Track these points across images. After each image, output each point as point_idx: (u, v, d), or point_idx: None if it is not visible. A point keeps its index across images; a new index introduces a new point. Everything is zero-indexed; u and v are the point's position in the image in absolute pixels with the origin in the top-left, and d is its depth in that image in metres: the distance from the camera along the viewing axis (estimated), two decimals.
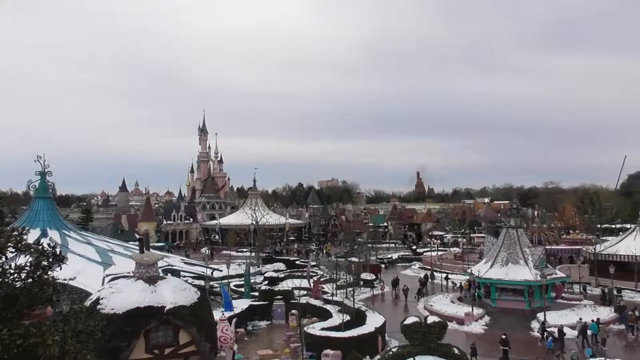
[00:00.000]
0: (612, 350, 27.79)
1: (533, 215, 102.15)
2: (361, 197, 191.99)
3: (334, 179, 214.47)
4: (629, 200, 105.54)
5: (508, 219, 44.45)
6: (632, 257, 45.16)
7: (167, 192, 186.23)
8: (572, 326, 30.39)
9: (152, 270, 18.07)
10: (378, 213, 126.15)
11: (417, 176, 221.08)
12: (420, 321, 20.37)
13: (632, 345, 30.02)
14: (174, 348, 16.70)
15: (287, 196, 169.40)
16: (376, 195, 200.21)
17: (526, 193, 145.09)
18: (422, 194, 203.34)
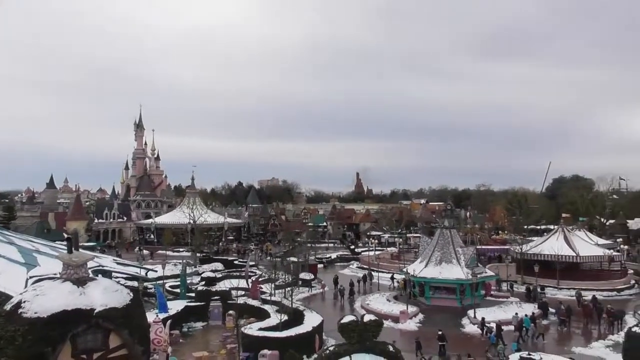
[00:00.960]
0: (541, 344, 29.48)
1: (466, 216, 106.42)
2: (301, 197, 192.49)
3: (275, 178, 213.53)
4: (553, 203, 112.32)
5: (442, 219, 45.94)
6: (555, 256, 48.02)
7: (100, 189, 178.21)
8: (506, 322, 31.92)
9: (81, 271, 17.16)
10: (318, 213, 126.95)
11: (356, 177, 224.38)
12: (357, 320, 20.64)
13: (563, 338, 31.90)
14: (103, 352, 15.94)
15: (226, 195, 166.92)
16: (316, 195, 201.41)
17: (460, 195, 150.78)
18: (361, 195, 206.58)
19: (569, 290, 44.75)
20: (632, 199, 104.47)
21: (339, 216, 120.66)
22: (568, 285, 45.90)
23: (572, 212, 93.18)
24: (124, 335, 15.92)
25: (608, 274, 50.95)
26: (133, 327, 16.34)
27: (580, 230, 62.55)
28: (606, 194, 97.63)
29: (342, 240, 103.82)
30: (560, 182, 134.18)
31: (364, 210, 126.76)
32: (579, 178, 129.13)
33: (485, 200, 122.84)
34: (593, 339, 31.04)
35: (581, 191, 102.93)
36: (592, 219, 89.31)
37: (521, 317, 31.78)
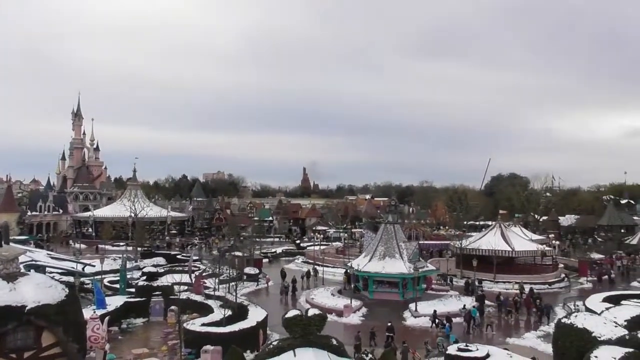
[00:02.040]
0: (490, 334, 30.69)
1: (409, 212, 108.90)
2: (247, 191, 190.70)
3: (220, 171, 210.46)
4: (491, 200, 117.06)
5: (387, 215, 46.72)
6: (492, 251, 50.08)
7: (34, 180, 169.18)
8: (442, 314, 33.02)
9: (11, 266, 16.29)
10: (264, 207, 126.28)
11: (303, 172, 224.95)
12: (302, 314, 20.69)
13: (509, 328, 33.35)
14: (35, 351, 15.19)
15: (170, 188, 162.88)
16: (262, 190, 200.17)
17: (404, 191, 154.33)
18: (308, 190, 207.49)
19: (504, 283, 46.77)
20: (564, 196, 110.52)
21: (285, 211, 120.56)
22: (504, 279, 47.92)
23: (509, 209, 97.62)
24: (58, 333, 15.24)
25: (541, 268, 53.69)
26: (68, 324, 15.67)
27: (515, 226, 65.55)
28: (540, 192, 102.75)
29: (287, 234, 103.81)
30: (498, 180, 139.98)
31: (310, 205, 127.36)
32: (516, 176, 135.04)
33: (427, 197, 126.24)
34: (526, 329, 32.59)
35: (517, 189, 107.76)
36: (527, 216, 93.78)
37: (469, 308, 33.33)
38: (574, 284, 49.98)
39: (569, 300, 39.74)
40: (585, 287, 48.60)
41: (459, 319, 32.75)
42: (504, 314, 35.73)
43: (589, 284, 50.40)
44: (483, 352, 19.38)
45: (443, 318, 31.50)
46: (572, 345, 18.52)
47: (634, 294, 37.86)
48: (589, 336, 18.24)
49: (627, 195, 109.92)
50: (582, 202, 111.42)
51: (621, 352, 15.52)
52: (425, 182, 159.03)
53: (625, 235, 78.18)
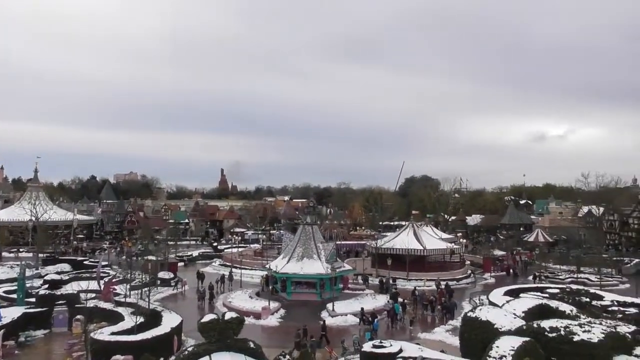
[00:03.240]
0: (390, 330, 31.69)
1: (327, 213, 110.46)
2: (162, 192, 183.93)
3: (133, 172, 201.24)
4: (405, 201, 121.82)
5: (305, 216, 47.05)
6: (406, 250, 52.08)
7: None
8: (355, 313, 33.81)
9: None
10: (179, 209, 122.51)
11: (221, 173, 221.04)
12: (218, 318, 20.29)
13: (420, 323, 34.54)
14: None
15: (77, 190, 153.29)
16: (178, 191, 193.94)
17: (322, 192, 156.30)
18: (226, 191, 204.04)
19: (417, 281, 48.75)
20: (470, 197, 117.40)
21: (202, 213, 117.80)
22: (416, 276, 49.97)
23: (421, 209, 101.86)
24: None
25: (449, 265, 56.66)
26: None
27: (427, 225, 68.71)
28: (449, 193, 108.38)
29: (204, 237, 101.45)
30: (411, 182, 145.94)
31: (228, 207, 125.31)
32: (428, 178, 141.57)
33: (345, 198, 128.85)
34: (435, 324, 34.13)
35: (429, 190, 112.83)
36: (437, 216, 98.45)
37: (392, 304, 34.79)
38: (479, 280, 53.23)
39: (474, 295, 42.21)
40: (489, 282, 51.84)
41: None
42: (420, 309, 37.29)
43: (492, 279, 53.90)
44: (396, 348, 20.03)
45: (369, 315, 32.49)
46: (477, 336, 19.68)
47: (531, 287, 41.00)
48: (492, 328, 19.48)
49: (526, 196, 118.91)
50: (486, 203, 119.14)
51: (519, 341, 16.69)
52: (343, 184, 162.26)
53: (524, 233, 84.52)
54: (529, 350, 16.35)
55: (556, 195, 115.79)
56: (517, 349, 16.03)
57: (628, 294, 40.58)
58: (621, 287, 48.55)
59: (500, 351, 16.13)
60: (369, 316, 32.28)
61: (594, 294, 35.60)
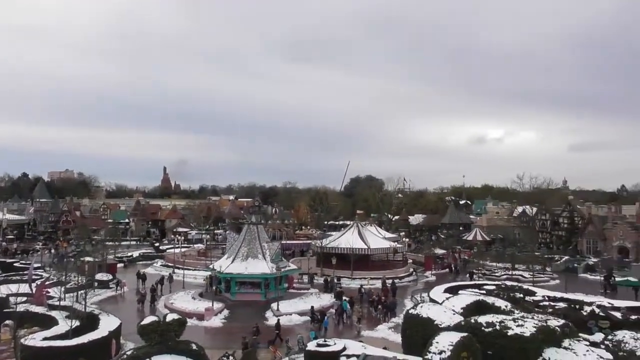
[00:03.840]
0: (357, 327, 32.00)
1: (273, 213, 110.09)
2: (100, 191, 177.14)
3: (69, 170, 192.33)
4: (350, 200, 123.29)
5: (250, 215, 46.69)
6: (350, 249, 52.71)
7: None
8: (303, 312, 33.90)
9: None
10: (119, 208, 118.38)
11: (163, 171, 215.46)
12: (159, 320, 19.79)
13: (371, 321, 34.89)
14: None
15: (6, 188, 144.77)
16: (118, 190, 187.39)
17: (268, 192, 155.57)
18: (168, 190, 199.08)
19: (361, 280, 49.45)
20: (413, 197, 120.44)
21: (143, 212, 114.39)
22: (360, 275, 50.69)
23: (366, 209, 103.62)
24: None
25: (393, 263, 57.84)
26: None
27: (371, 225, 69.86)
28: (393, 193, 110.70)
29: (145, 237, 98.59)
30: (356, 182, 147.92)
31: (171, 206, 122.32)
32: (372, 178, 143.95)
33: (291, 197, 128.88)
34: (378, 322, 34.71)
35: (373, 190, 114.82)
36: (381, 215, 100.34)
37: (340, 302, 35.51)
38: (420, 278, 54.64)
39: (416, 293, 43.32)
40: (430, 280, 53.37)
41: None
42: (366, 307, 37.92)
43: (433, 277, 55.53)
44: (340, 346, 20.24)
45: (318, 314, 32.93)
46: (418, 333, 20.21)
47: (469, 284, 42.60)
48: (432, 324, 20.06)
49: (465, 197, 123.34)
50: (428, 203, 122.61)
51: (458, 337, 17.27)
52: (289, 183, 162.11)
53: (463, 232, 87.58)
54: (466, 345, 16.96)
55: (493, 195, 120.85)
56: (456, 344, 16.58)
57: (558, 289, 42.95)
58: (552, 283, 51.24)
59: (440, 346, 16.62)
60: (319, 314, 32.64)
61: (527, 290, 37.47)
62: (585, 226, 75.39)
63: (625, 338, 18.63)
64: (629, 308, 32.15)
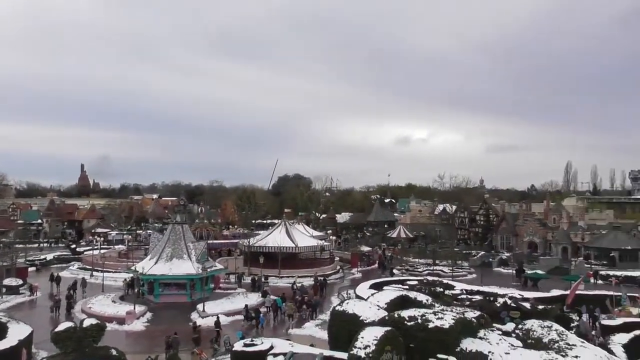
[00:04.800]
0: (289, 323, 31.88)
1: (199, 212, 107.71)
2: (9, 190, 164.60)
3: None
4: (278, 199, 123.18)
5: (175, 215, 45.52)
6: (278, 248, 52.68)
7: None
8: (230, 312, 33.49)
9: None
10: (31, 209, 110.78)
11: (81, 169, 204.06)
12: (75, 326, 18.80)
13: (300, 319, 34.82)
14: None
15: None
16: (30, 189, 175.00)
17: (193, 190, 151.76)
18: (87, 189, 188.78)
19: (288, 278, 49.59)
20: (340, 196, 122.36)
21: (58, 212, 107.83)
22: (288, 273, 50.82)
23: (293, 207, 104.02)
24: None
25: (320, 261, 58.46)
26: None
27: (299, 223, 70.18)
28: (321, 192, 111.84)
29: (60, 239, 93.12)
30: (284, 180, 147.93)
31: (89, 206, 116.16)
32: (300, 177, 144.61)
33: (217, 196, 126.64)
34: (305, 320, 34.97)
35: (301, 189, 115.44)
36: (309, 214, 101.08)
37: (274, 299, 36.01)
38: (347, 275, 55.69)
39: (342, 290, 44.12)
40: (356, 277, 54.50)
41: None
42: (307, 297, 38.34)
43: (359, 273, 56.78)
44: (267, 345, 20.22)
45: (252, 311, 33.34)
46: (344, 329, 20.59)
47: (393, 280, 44.02)
48: (357, 320, 20.52)
49: (390, 195, 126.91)
50: (355, 201, 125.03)
51: (382, 331, 17.80)
52: (215, 182, 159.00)
53: (388, 230, 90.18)
54: (390, 338, 17.52)
55: (416, 194, 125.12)
56: (380, 338, 17.08)
57: (474, 283, 45.45)
58: (469, 277, 54.09)
59: (365, 341, 17.05)
60: (253, 312, 32.92)
61: (447, 284, 39.27)
62: (499, 223, 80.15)
63: (533, 327, 20.01)
64: (537, 299, 34.64)
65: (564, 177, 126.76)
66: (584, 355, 16.64)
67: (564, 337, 18.39)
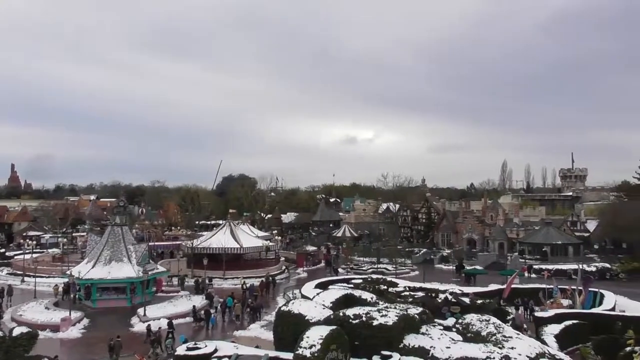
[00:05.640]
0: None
1: (139, 213, 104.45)
2: None
3: None
4: (223, 199, 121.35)
5: (114, 216, 43.92)
6: (222, 249, 51.91)
7: None
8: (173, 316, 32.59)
9: None
10: None
11: (11, 169, 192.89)
12: (4, 335, 17.71)
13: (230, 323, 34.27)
14: None
15: None
16: None
17: (134, 191, 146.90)
18: (17, 190, 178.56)
19: (233, 279, 48.97)
20: (286, 196, 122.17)
21: None
22: (233, 275, 50.18)
23: (238, 208, 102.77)
24: None
25: (265, 262, 58.05)
26: None
27: (244, 224, 69.44)
28: (266, 192, 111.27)
29: None
30: (229, 180, 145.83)
31: (20, 208, 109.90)
32: (245, 177, 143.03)
33: (159, 197, 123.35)
34: (251, 321, 34.58)
35: (246, 189, 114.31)
36: (254, 214, 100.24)
37: (224, 299, 35.64)
38: (293, 275, 55.64)
39: (288, 290, 44.02)
40: (302, 277, 54.55)
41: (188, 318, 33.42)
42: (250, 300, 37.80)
43: (305, 273, 56.87)
44: (211, 348, 19.86)
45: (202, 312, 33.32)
46: (290, 329, 20.54)
47: (339, 279, 44.40)
48: (303, 319, 20.53)
49: (335, 195, 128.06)
50: (300, 201, 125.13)
51: (327, 330, 17.91)
52: (157, 182, 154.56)
53: (334, 229, 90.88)
54: (335, 337, 17.65)
55: (361, 193, 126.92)
56: (325, 337, 17.17)
57: (417, 279, 46.62)
58: (412, 274, 55.38)
59: (310, 341, 17.09)
60: (203, 313, 32.75)
61: (390, 282, 40.07)
62: (440, 221, 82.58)
63: (472, 321, 20.74)
64: (475, 293, 35.98)
65: (500, 176, 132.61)
66: (519, 346, 17.40)
67: (500, 330, 19.18)
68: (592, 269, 52.25)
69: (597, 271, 52.18)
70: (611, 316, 28.91)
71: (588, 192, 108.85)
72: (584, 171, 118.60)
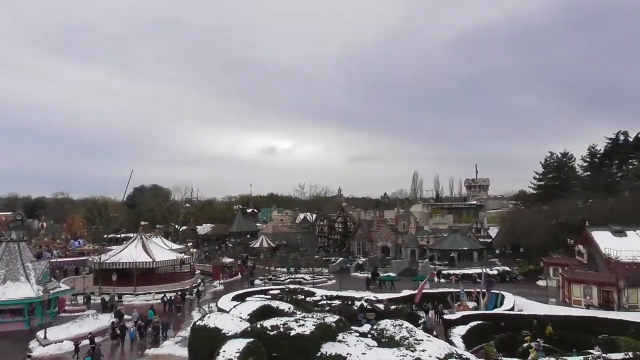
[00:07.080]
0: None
1: (39, 227, 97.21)
2: None
3: None
4: (134, 211, 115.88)
5: (10, 232, 40.58)
6: (133, 263, 49.52)
7: None
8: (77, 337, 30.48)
9: None
10: None
11: None
12: None
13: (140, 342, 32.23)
14: None
15: None
16: None
17: (34, 203, 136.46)
18: None
19: (145, 295, 46.84)
20: (201, 207, 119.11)
21: None
22: (144, 290, 47.99)
23: (151, 220, 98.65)
24: None
25: (180, 275, 56.15)
26: None
27: (157, 237, 66.88)
28: (180, 203, 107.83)
29: None
30: (140, 191, 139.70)
31: None
32: (158, 187, 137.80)
33: (63, 210, 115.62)
34: (163, 338, 33.14)
35: (159, 200, 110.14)
36: (168, 226, 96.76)
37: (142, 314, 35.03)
38: (209, 288, 54.27)
39: (204, 303, 42.87)
40: (218, 289, 53.39)
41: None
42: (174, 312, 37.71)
43: (222, 286, 55.72)
44: None
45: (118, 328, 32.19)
46: (206, 344, 19.97)
47: (256, 290, 43.97)
48: (219, 334, 20.05)
49: (252, 205, 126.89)
50: (216, 212, 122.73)
51: (244, 343, 17.64)
52: (60, 194, 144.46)
53: (251, 240, 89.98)
54: (252, 349, 17.43)
55: (278, 203, 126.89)
56: (242, 351, 16.90)
57: (334, 288, 47.36)
58: (329, 283, 56.13)
59: (227, 355, 16.74)
60: (119, 329, 31.72)
61: (308, 291, 40.35)
62: (355, 230, 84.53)
63: (386, 326, 21.37)
64: (389, 299, 37.18)
65: (412, 186, 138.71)
66: (430, 349, 18.17)
67: (412, 334, 19.92)
68: (494, 272, 56.00)
69: (498, 274, 56.02)
70: (511, 315, 31.17)
71: (490, 201, 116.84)
72: (487, 181, 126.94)
